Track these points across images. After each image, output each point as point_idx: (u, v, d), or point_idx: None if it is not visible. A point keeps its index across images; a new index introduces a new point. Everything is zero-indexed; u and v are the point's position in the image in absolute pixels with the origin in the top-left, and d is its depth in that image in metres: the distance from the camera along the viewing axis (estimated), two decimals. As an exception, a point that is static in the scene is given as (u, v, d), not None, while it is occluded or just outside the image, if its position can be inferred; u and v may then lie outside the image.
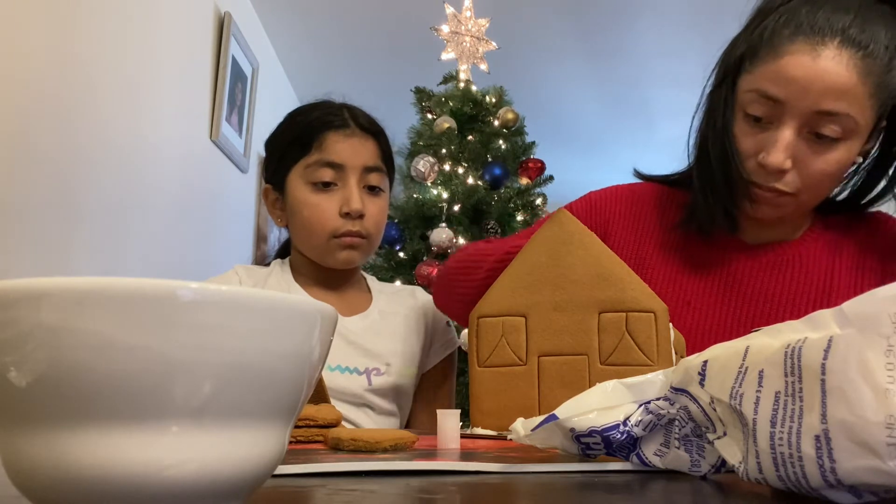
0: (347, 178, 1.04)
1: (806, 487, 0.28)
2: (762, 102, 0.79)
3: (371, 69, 3.32)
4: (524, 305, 0.67)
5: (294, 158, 1.05)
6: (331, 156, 1.03)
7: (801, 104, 0.76)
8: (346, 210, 1.02)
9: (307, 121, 1.06)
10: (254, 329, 0.23)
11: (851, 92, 0.74)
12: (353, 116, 1.07)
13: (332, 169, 1.03)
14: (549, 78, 3.54)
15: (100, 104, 1.75)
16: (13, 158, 1.41)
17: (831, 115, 0.75)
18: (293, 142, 1.06)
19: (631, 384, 0.40)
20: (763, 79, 0.78)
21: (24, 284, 0.21)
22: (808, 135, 0.77)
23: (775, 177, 0.80)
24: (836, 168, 0.79)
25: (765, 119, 0.79)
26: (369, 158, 1.06)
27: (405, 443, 0.52)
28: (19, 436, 0.22)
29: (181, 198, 2.26)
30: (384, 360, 1.05)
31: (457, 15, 2.31)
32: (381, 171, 1.08)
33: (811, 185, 0.80)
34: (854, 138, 0.78)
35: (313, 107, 1.10)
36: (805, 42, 0.75)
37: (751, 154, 0.81)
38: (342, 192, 1.04)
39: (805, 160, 0.78)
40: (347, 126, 1.06)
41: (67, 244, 1.63)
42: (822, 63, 0.74)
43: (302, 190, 1.04)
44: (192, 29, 2.34)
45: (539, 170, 2.37)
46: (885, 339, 0.27)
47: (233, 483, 0.23)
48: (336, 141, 1.04)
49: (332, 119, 1.05)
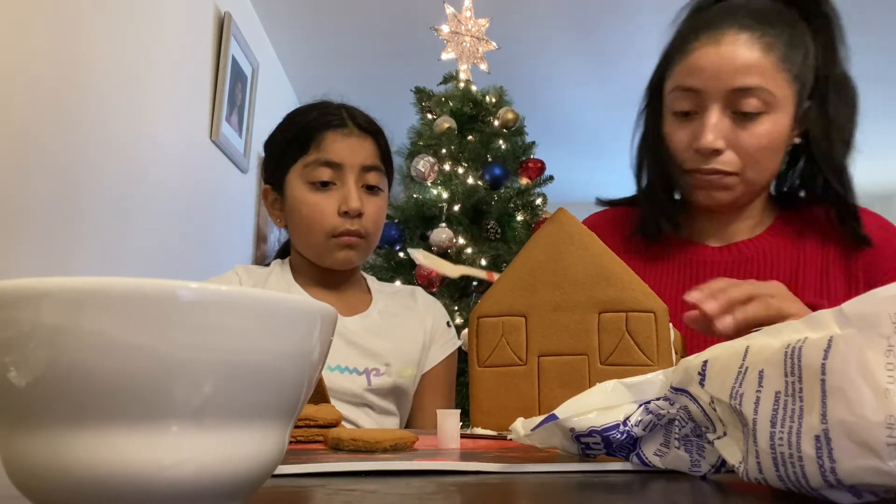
0: (346, 178, 1.04)
1: (806, 487, 0.28)
2: (684, 96, 0.87)
3: (371, 69, 3.32)
4: (524, 305, 0.67)
5: (293, 158, 1.06)
6: (329, 155, 1.04)
7: (717, 87, 0.83)
8: (344, 209, 1.03)
9: (305, 121, 1.07)
10: (254, 329, 0.23)
11: (758, 66, 0.82)
12: (352, 116, 1.08)
13: (331, 168, 1.04)
14: (549, 78, 3.54)
15: (100, 104, 1.75)
16: (14, 158, 1.41)
17: (746, 90, 0.82)
18: (291, 142, 1.07)
19: (631, 384, 0.40)
20: (679, 76, 0.87)
21: (25, 284, 0.21)
22: (732, 114, 0.84)
23: (712, 158, 0.86)
24: (768, 141, 0.84)
25: (691, 111, 0.87)
26: (367, 157, 1.06)
27: (405, 443, 0.52)
28: (19, 436, 0.22)
29: (181, 198, 2.26)
30: (384, 360, 1.05)
31: (457, 15, 2.31)
32: (380, 171, 1.08)
33: (750, 161, 0.85)
34: (777, 111, 0.84)
35: (312, 107, 1.10)
36: (707, 36, 0.85)
37: (686, 145, 0.87)
38: (340, 191, 1.04)
39: (736, 138, 0.84)
40: (346, 125, 1.06)
41: (68, 244, 1.63)
42: (724, 48, 0.83)
43: (300, 189, 1.05)
44: (192, 29, 2.34)
45: (539, 170, 2.36)
46: (885, 339, 0.27)
47: (233, 483, 0.23)
48: (334, 140, 1.04)
49: (330, 119, 1.06)
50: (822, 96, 0.88)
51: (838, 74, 0.89)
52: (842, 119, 0.89)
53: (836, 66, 0.89)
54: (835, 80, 0.89)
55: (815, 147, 0.89)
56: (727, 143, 0.85)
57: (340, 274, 1.11)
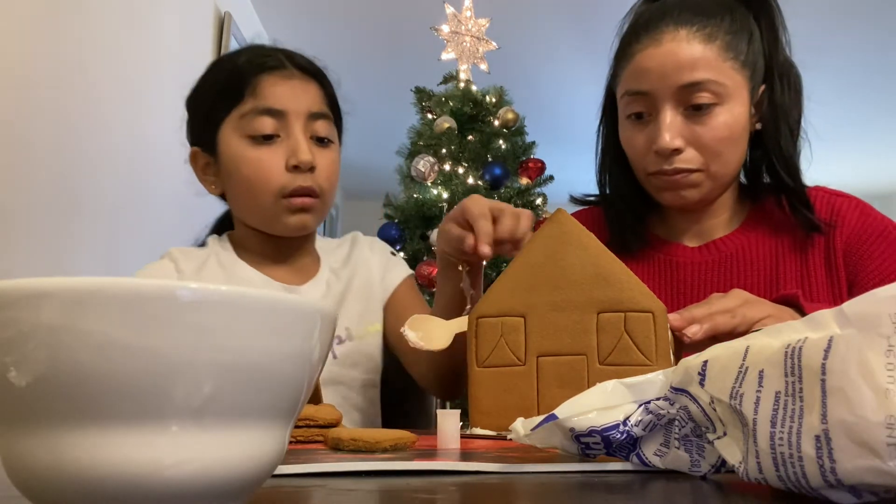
0: (291, 127, 0.89)
1: (806, 487, 0.28)
2: (635, 100, 0.86)
3: (371, 69, 3.32)
4: (523, 306, 0.67)
5: (225, 110, 0.90)
6: (268, 101, 0.88)
7: (664, 87, 0.83)
8: (293, 163, 0.88)
9: (235, 65, 0.92)
10: (254, 329, 0.23)
11: (701, 59, 0.82)
12: (289, 56, 0.93)
13: (272, 118, 0.88)
14: (549, 78, 3.55)
15: (100, 104, 1.75)
16: (14, 159, 1.41)
17: (694, 85, 0.82)
18: (222, 91, 0.91)
19: (631, 384, 0.40)
20: (627, 81, 0.87)
21: (25, 284, 0.21)
22: (686, 111, 0.84)
23: (673, 157, 0.85)
24: (727, 131, 0.84)
25: (645, 114, 0.86)
26: (313, 104, 0.91)
27: (405, 443, 0.52)
28: (19, 436, 0.22)
29: (181, 198, 2.26)
30: (342, 325, 0.95)
31: (457, 15, 2.31)
32: (329, 119, 0.94)
33: (711, 155, 0.85)
34: (730, 101, 0.84)
35: (241, 51, 0.96)
36: (647, 38, 0.84)
37: (645, 149, 0.87)
38: (287, 143, 0.89)
39: (695, 134, 0.84)
40: (284, 66, 0.91)
41: (68, 244, 1.63)
42: (665, 46, 0.83)
43: (238, 145, 0.89)
44: (192, 29, 2.34)
45: (539, 170, 2.37)
46: (885, 339, 0.27)
47: (233, 483, 0.23)
48: (273, 84, 0.89)
49: (264, 60, 0.91)
50: (770, 82, 0.88)
51: (782, 60, 0.89)
52: (788, 105, 0.88)
53: (779, 52, 0.89)
54: (779, 65, 0.89)
55: (764, 133, 0.89)
56: (685, 140, 0.84)
57: (291, 242, 0.96)
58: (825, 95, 3.64)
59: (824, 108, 3.77)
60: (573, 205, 1.07)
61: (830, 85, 3.54)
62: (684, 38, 0.82)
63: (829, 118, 3.87)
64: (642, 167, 0.88)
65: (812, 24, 3.03)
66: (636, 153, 0.88)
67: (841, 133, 4.08)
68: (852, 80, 3.56)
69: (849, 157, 4.57)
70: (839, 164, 4.62)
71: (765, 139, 0.89)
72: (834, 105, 3.74)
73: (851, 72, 3.49)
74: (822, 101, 3.81)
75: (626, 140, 0.90)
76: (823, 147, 0.94)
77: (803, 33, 1.03)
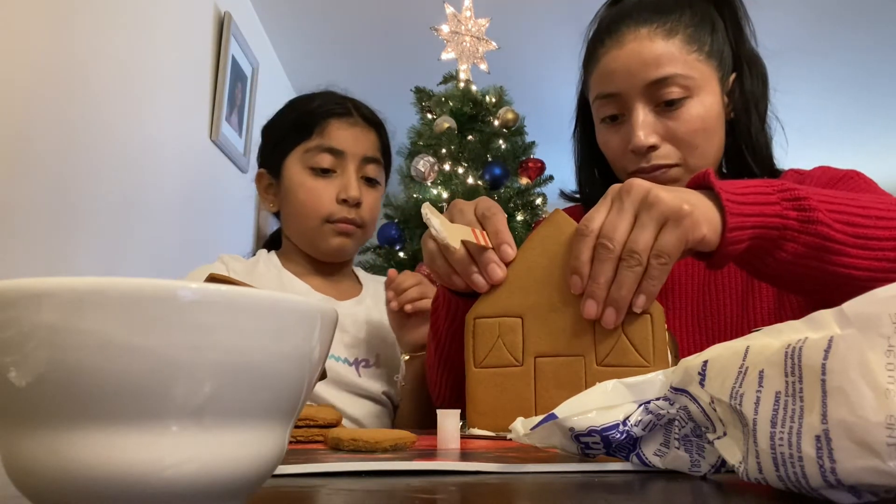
0: (346, 166, 1.04)
1: (806, 487, 0.28)
2: (606, 102, 0.87)
3: (371, 69, 3.32)
4: (521, 306, 0.67)
5: (294, 142, 1.05)
6: (332, 142, 1.04)
7: (632, 86, 0.83)
8: (343, 197, 1.02)
9: (310, 107, 1.07)
10: (254, 329, 0.23)
11: (665, 55, 0.82)
12: (356, 106, 1.09)
13: (333, 155, 1.03)
14: (549, 78, 3.54)
15: (100, 104, 1.75)
16: (13, 158, 1.41)
17: (661, 80, 0.82)
18: (294, 126, 1.07)
19: (631, 384, 0.40)
20: (597, 85, 0.88)
21: (25, 284, 0.21)
22: (657, 108, 0.84)
23: (649, 155, 0.85)
24: (700, 123, 0.84)
25: (618, 115, 0.87)
26: (369, 149, 1.06)
27: (405, 443, 0.52)
28: (19, 436, 0.22)
29: (181, 198, 2.26)
30: (374, 351, 1.04)
31: (457, 15, 2.31)
32: (379, 164, 1.09)
33: (688, 148, 0.85)
34: (700, 92, 0.84)
35: (315, 95, 1.11)
36: (609, 40, 0.86)
37: (622, 149, 0.87)
38: (340, 179, 1.04)
39: (669, 129, 0.84)
40: (351, 115, 1.07)
41: (68, 244, 1.63)
42: (627, 46, 0.83)
43: (300, 174, 1.04)
44: (192, 29, 2.34)
45: (539, 170, 2.36)
46: (885, 339, 0.27)
47: (233, 483, 0.23)
48: (339, 128, 1.05)
49: (335, 107, 1.06)
50: (739, 71, 0.89)
51: (748, 49, 0.90)
52: (757, 94, 0.89)
53: (744, 41, 0.90)
54: (746, 54, 0.89)
55: (736, 122, 0.89)
56: (660, 136, 0.84)
57: (332, 265, 1.10)
58: (821, 93, 3.64)
59: (827, 103, 3.77)
60: (564, 201, 1.07)
61: (828, 83, 3.54)
62: (645, 36, 0.83)
63: (833, 115, 3.88)
64: (622, 167, 0.89)
65: (805, 22, 3.03)
66: (614, 154, 0.89)
67: (838, 131, 4.08)
68: (847, 79, 3.56)
69: (844, 156, 4.57)
70: (835, 162, 4.62)
71: (736, 128, 0.89)
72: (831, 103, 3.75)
73: (852, 67, 3.49)
74: (823, 98, 3.77)
75: (603, 143, 0.90)
76: (828, 146, 0.93)
77: (797, 31, 1.03)
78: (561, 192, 1.07)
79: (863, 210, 0.66)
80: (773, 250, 0.64)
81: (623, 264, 0.59)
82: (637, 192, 0.60)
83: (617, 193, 0.61)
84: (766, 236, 0.63)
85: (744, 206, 0.62)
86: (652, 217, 0.58)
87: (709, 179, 0.64)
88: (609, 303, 0.61)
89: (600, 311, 0.61)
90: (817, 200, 0.64)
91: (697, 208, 0.60)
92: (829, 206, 0.64)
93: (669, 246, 0.58)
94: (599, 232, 0.60)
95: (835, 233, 0.63)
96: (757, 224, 0.62)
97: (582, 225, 0.62)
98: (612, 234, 0.59)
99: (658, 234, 0.59)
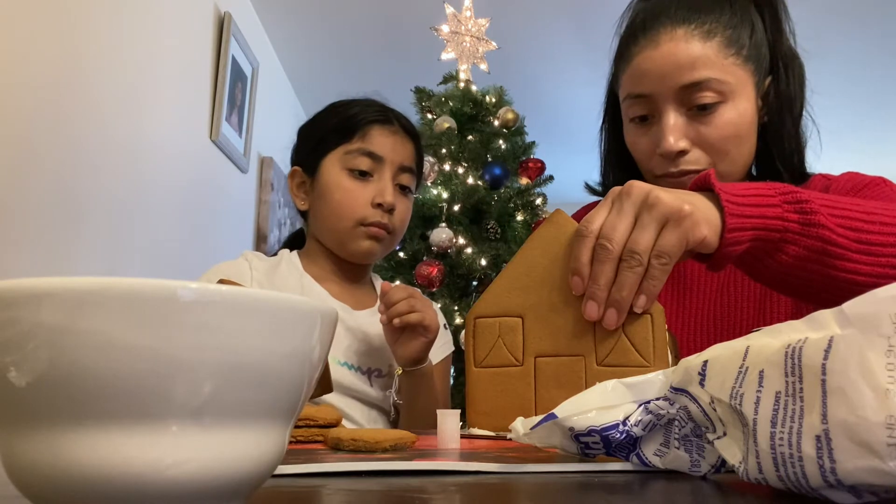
0: (383, 172, 1.06)
1: (806, 487, 0.28)
2: (636, 102, 0.84)
3: (371, 69, 3.32)
4: (521, 306, 0.67)
5: (335, 143, 1.07)
6: (373, 147, 1.06)
7: (665, 88, 0.81)
8: (378, 201, 1.04)
9: (352, 112, 1.09)
10: (254, 329, 0.23)
11: (701, 58, 0.79)
12: (397, 117, 1.11)
13: (371, 160, 1.05)
14: (549, 78, 3.54)
15: (100, 104, 1.75)
16: (14, 158, 1.41)
17: (696, 84, 0.79)
18: (336, 128, 1.08)
19: (631, 384, 0.40)
20: (628, 84, 0.85)
21: (25, 284, 0.21)
22: (689, 112, 0.81)
23: (679, 160, 0.83)
24: (733, 129, 0.81)
25: (648, 116, 0.84)
26: (406, 158, 1.09)
27: (405, 443, 0.52)
28: (19, 436, 0.22)
29: (181, 198, 2.26)
30: (387, 361, 1.05)
31: (457, 15, 2.31)
32: (413, 174, 1.11)
33: (718, 155, 0.83)
34: (735, 97, 0.81)
35: (357, 101, 1.13)
36: (644, 39, 0.82)
37: (650, 152, 0.85)
38: (377, 184, 1.05)
39: (700, 134, 0.82)
40: (392, 123, 1.09)
41: (68, 244, 1.63)
42: (663, 47, 0.80)
43: (338, 174, 1.06)
44: (192, 29, 2.34)
45: (539, 170, 2.36)
46: (885, 339, 0.27)
47: (233, 483, 0.23)
48: (380, 134, 1.07)
49: (377, 115, 1.09)
50: (775, 73, 0.86)
51: (787, 49, 0.87)
52: (792, 96, 0.86)
53: (783, 41, 0.86)
54: (784, 55, 0.86)
55: (768, 126, 0.87)
56: (690, 141, 0.82)
57: (355, 268, 1.11)
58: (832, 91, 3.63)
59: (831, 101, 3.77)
60: (588, 194, 1.05)
61: (835, 81, 3.54)
62: (682, 37, 0.80)
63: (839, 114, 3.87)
64: (649, 170, 0.87)
65: (818, 19, 3.03)
66: (642, 156, 0.87)
67: (846, 131, 4.08)
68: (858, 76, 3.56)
69: (855, 156, 4.57)
70: (847, 163, 4.61)
71: (768, 131, 0.87)
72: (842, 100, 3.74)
73: (855, 66, 3.49)
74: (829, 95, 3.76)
75: (632, 143, 0.88)
76: (837, 146, 0.92)
77: (810, 26, 1.01)
78: (586, 185, 1.04)
79: (867, 216, 0.65)
80: (773, 252, 0.63)
81: (624, 265, 0.59)
82: (637, 194, 0.60)
83: (617, 195, 0.61)
84: (767, 238, 0.63)
85: (744, 207, 0.62)
86: (652, 217, 0.58)
87: (710, 181, 0.64)
88: (610, 304, 0.61)
89: (601, 312, 0.61)
90: (820, 204, 0.63)
91: (698, 209, 0.59)
92: (831, 210, 0.63)
93: (670, 246, 0.58)
94: (599, 233, 0.60)
95: (837, 237, 0.62)
96: (757, 226, 0.62)
97: (582, 226, 0.62)
98: (612, 235, 0.59)
99: (659, 234, 0.59)
